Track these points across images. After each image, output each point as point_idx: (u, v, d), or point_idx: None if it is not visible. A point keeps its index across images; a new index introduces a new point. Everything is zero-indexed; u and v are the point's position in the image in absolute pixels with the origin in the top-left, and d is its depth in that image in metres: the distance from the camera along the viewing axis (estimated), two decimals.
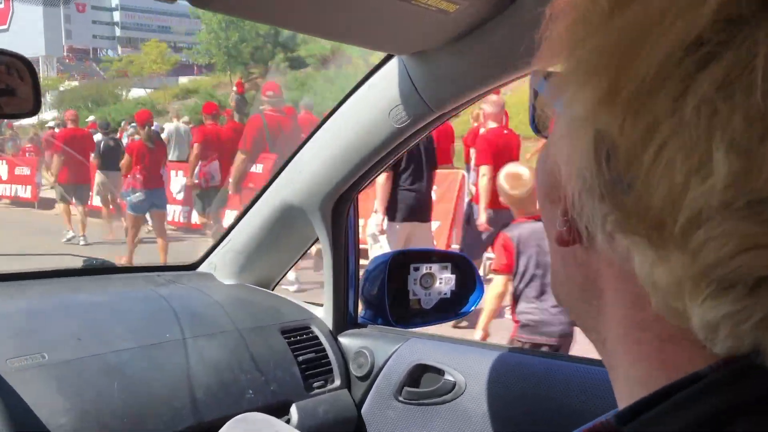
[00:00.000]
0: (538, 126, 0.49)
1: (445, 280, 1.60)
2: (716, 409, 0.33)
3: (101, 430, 1.09)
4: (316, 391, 1.41)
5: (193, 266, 1.72)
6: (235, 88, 10.17)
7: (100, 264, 1.69)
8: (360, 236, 1.70)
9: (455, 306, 1.61)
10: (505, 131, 5.62)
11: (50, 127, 13.60)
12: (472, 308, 1.63)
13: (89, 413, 1.09)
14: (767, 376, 0.33)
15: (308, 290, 5.13)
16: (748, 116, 0.30)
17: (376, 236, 5.03)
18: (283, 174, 1.48)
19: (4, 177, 13.97)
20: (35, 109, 0.78)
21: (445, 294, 1.60)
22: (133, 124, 10.17)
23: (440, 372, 1.35)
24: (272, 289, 1.68)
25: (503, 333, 3.22)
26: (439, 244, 6.37)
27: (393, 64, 1.17)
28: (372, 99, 1.24)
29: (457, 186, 7.05)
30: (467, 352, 1.35)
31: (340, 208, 1.44)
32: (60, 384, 1.11)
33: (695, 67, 0.31)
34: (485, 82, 1.09)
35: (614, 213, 0.36)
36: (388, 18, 0.96)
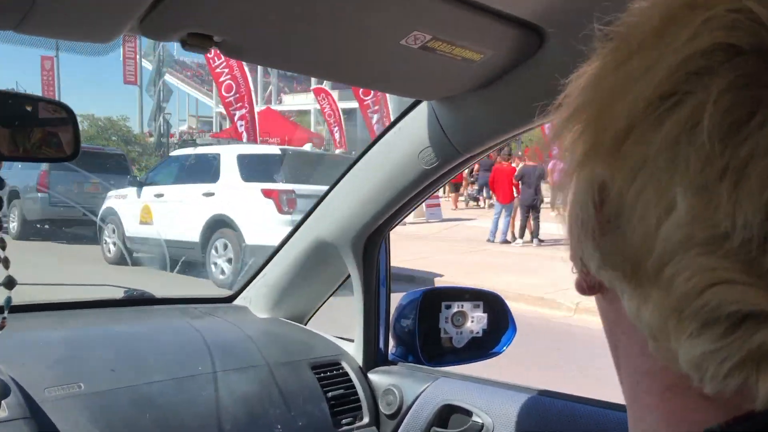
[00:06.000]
0: None
1: (477, 319, 1.59)
2: None
3: None
4: (345, 428, 1.42)
5: (230, 299, 1.76)
6: None
7: (140, 295, 1.74)
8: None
9: (487, 345, 1.60)
10: None
11: None
12: (505, 348, 1.61)
13: None
14: None
15: None
16: (706, 156, 0.31)
17: None
18: (316, 211, 1.51)
19: None
20: (74, 155, 0.83)
21: (477, 333, 1.59)
22: None
23: (468, 413, 1.34)
24: (305, 324, 1.70)
25: None
26: None
27: (422, 108, 1.19)
28: (402, 141, 1.26)
29: None
30: (496, 393, 1.34)
31: (371, 245, 1.46)
32: (93, 414, 1.14)
33: (666, 115, 0.33)
34: (512, 126, 1.10)
35: (598, 250, 0.38)
36: (415, 67, 0.98)
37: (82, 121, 32.32)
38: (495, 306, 1.62)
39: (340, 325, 1.65)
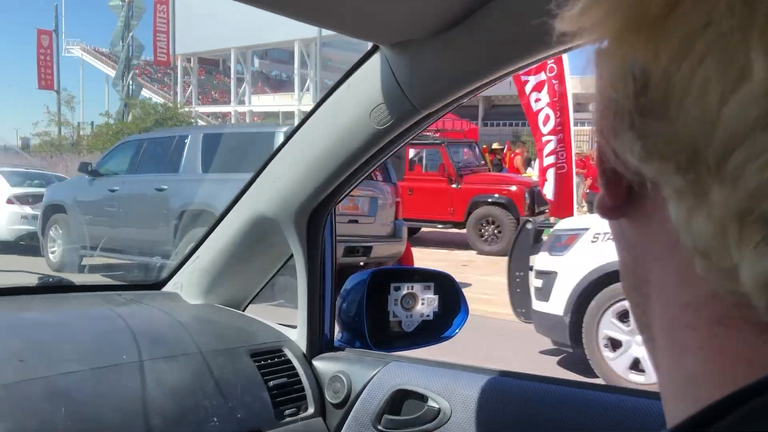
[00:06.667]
0: None
1: (427, 301, 1.50)
2: None
3: None
4: (288, 419, 1.30)
5: (158, 285, 1.61)
6: None
7: (57, 282, 1.56)
8: None
9: (439, 329, 1.52)
10: None
11: None
12: (457, 332, 1.53)
13: None
14: None
15: None
16: None
17: None
18: (255, 184, 1.38)
19: None
20: None
21: (428, 316, 1.50)
22: None
23: (423, 398, 1.24)
24: (243, 310, 1.57)
25: None
26: None
27: (375, 60, 1.09)
28: (352, 99, 1.14)
29: None
30: (452, 376, 1.25)
31: (316, 220, 1.34)
32: None
33: None
34: (475, 77, 1.00)
35: (641, 140, 0.30)
36: (368, 0, 0.87)
37: (133, 108, 27.76)
38: (446, 287, 1.53)
39: None
